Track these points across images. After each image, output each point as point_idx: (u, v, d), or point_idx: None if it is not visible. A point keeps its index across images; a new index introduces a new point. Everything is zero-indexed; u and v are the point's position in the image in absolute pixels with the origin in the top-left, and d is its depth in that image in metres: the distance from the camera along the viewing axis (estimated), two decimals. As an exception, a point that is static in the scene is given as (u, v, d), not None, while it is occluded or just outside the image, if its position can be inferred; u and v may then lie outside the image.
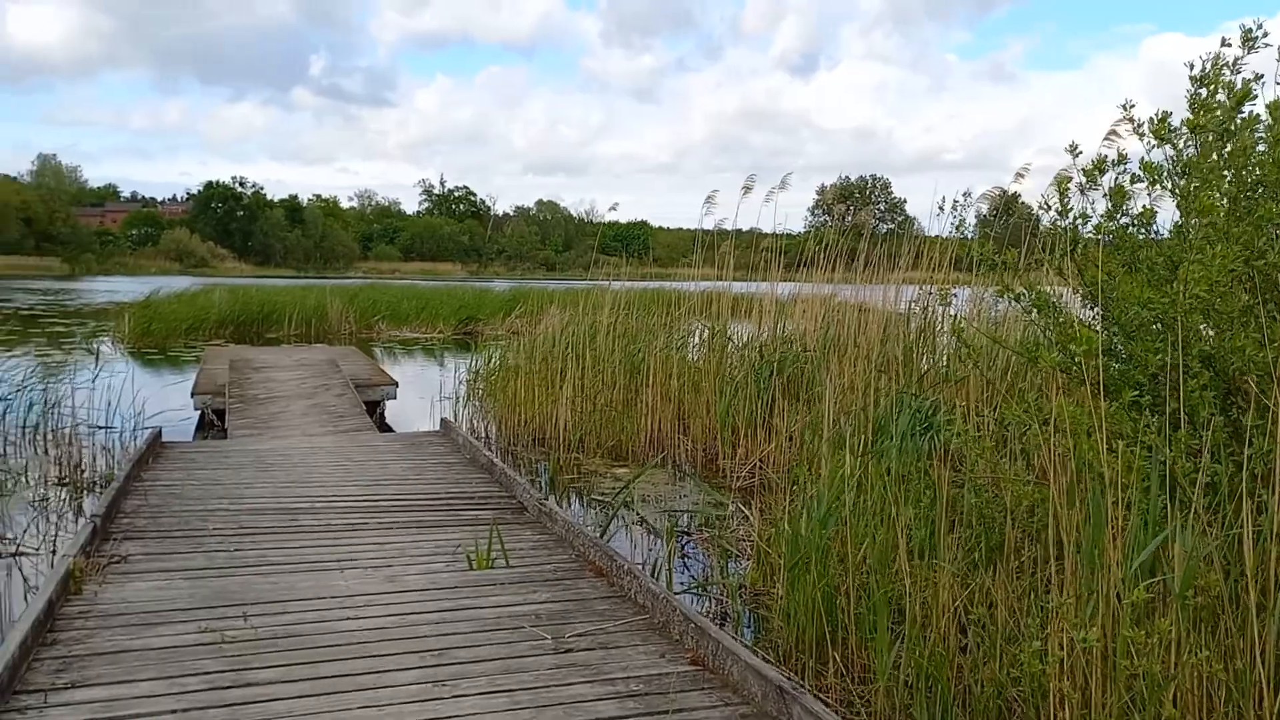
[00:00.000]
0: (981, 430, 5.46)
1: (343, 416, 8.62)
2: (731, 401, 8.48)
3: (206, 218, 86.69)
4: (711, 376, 9.10)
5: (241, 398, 9.50)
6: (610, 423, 8.99)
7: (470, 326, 24.98)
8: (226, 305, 23.03)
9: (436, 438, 7.62)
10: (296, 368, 11.24)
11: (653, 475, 8.07)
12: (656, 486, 7.61)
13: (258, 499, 5.36)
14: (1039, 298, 4.62)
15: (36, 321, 24.78)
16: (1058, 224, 4.71)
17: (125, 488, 5.27)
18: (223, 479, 5.87)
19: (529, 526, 4.95)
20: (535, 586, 3.97)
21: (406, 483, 5.93)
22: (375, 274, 72.93)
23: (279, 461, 6.45)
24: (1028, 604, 3.74)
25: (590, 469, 8.23)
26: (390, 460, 6.64)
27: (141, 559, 4.20)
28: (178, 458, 6.52)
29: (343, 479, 5.97)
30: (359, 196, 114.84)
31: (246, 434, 7.89)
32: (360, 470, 6.25)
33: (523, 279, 66.93)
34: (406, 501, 5.42)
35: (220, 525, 4.78)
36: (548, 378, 9.70)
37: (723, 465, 8.30)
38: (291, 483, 5.81)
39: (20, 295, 37.59)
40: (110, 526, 4.64)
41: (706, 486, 7.62)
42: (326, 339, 21.87)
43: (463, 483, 5.95)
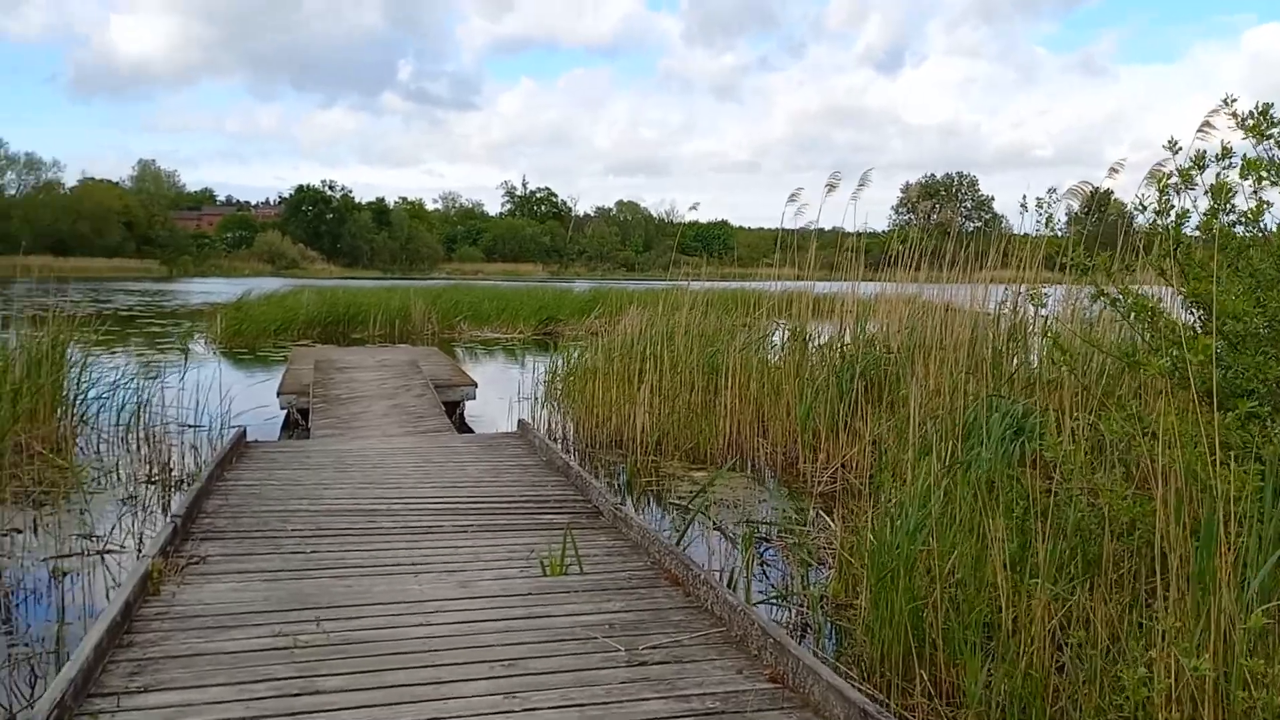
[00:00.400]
0: (1077, 436, 5.20)
1: (422, 417, 8.66)
2: (812, 404, 8.28)
3: (297, 220, 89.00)
4: (791, 378, 8.92)
5: (325, 398, 9.63)
6: (688, 425, 8.87)
7: (550, 327, 25.10)
8: (314, 307, 23.54)
9: (514, 439, 7.60)
10: (378, 368, 11.38)
11: (731, 479, 7.93)
12: (735, 491, 7.47)
13: (336, 500, 5.38)
14: (1138, 302, 4.37)
15: (134, 322, 25.68)
16: (1156, 223, 4.45)
17: (208, 487, 5.33)
18: (303, 479, 5.91)
19: (604, 532, 4.86)
20: (609, 595, 3.87)
21: (482, 485, 5.90)
22: (459, 275, 73.98)
23: (358, 462, 6.49)
24: (1128, 623, 3.51)
25: (668, 472, 8.12)
26: (467, 462, 6.62)
27: (220, 559, 4.23)
28: (260, 457, 6.60)
29: (420, 480, 5.96)
30: (443, 198, 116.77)
31: (328, 434, 7.97)
32: (437, 471, 6.24)
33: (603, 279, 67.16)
34: (482, 504, 5.38)
35: (299, 526, 4.80)
36: (626, 379, 9.62)
37: (803, 469, 8.12)
38: (370, 484, 5.82)
39: (120, 296, 39.06)
40: (191, 526, 4.69)
41: (786, 491, 7.45)
42: (410, 339, 22.20)
43: (538, 485, 5.90)
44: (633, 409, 9.22)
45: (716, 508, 7.02)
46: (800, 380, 8.59)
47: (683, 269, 14.45)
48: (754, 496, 7.38)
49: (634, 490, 7.63)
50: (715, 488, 7.57)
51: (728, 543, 5.97)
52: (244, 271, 73.04)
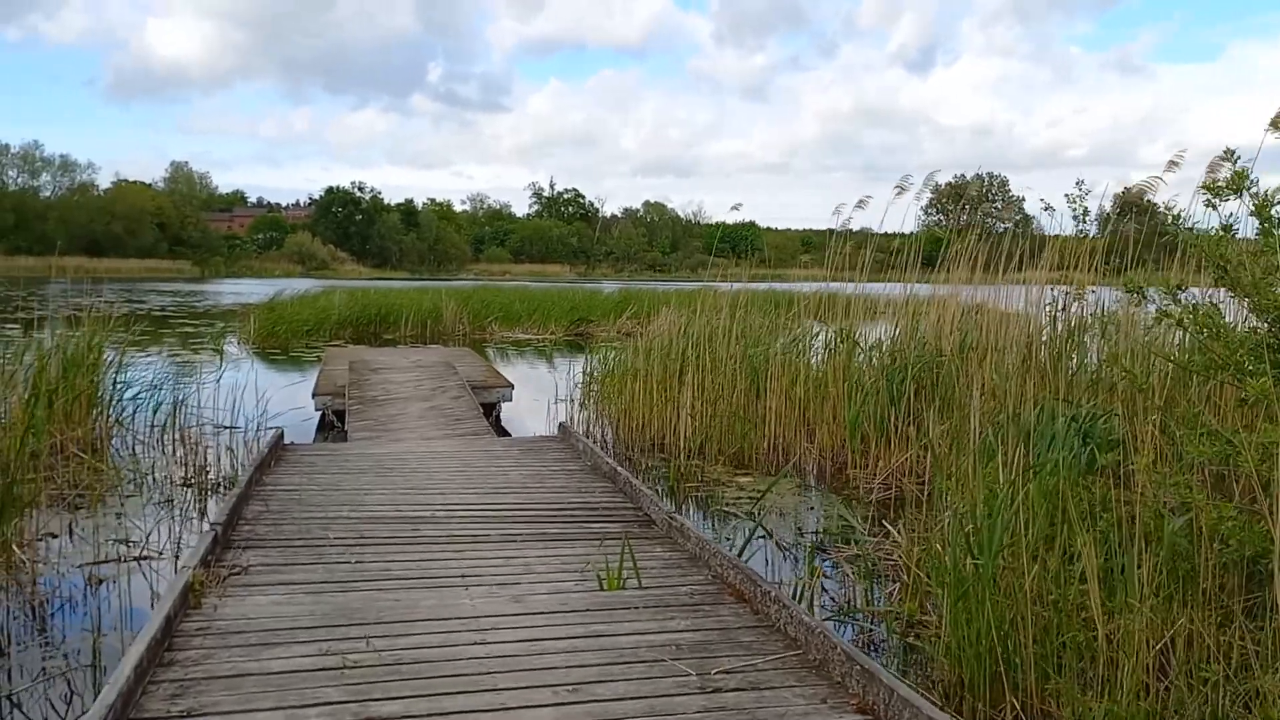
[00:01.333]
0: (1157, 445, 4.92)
1: (460, 419, 8.49)
2: (861, 408, 8.02)
3: (327, 221, 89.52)
4: (838, 380, 8.66)
5: (360, 399, 9.48)
6: (731, 429, 8.63)
7: (582, 328, 24.94)
8: (345, 307, 23.51)
9: (555, 443, 7.40)
10: (413, 369, 11.23)
11: (778, 485, 7.69)
12: (783, 497, 7.23)
13: (378, 506, 5.19)
14: (1206, 317, 4.09)
15: (168, 322, 25.75)
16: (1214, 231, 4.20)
17: (247, 493, 5.16)
18: (343, 484, 5.74)
19: (659, 542, 4.64)
20: (672, 612, 3.65)
21: (528, 491, 5.70)
22: (486, 275, 74.13)
23: (398, 466, 6.31)
24: (1235, 645, 3.26)
25: (712, 477, 7.89)
26: (509, 466, 6.43)
27: (262, 570, 4.04)
28: (298, 461, 6.44)
29: (462, 485, 5.77)
30: (471, 200, 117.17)
31: (365, 436, 7.81)
32: (480, 476, 6.05)
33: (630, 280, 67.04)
34: (529, 511, 5.17)
35: (341, 534, 4.62)
36: (666, 381, 9.40)
37: (853, 475, 7.86)
38: (411, 489, 5.64)
39: (154, 297, 39.32)
40: (231, 534, 4.52)
41: (837, 498, 7.20)
42: (441, 340, 22.10)
43: (585, 492, 5.69)
44: (675, 412, 9.00)
45: (766, 515, 6.80)
46: (848, 382, 8.33)
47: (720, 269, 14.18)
48: (803, 503, 7.14)
49: (678, 496, 7.41)
50: (760, 490, 7.34)
51: (782, 553, 5.73)
52: (275, 272, 73.50)
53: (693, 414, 8.58)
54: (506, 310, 24.90)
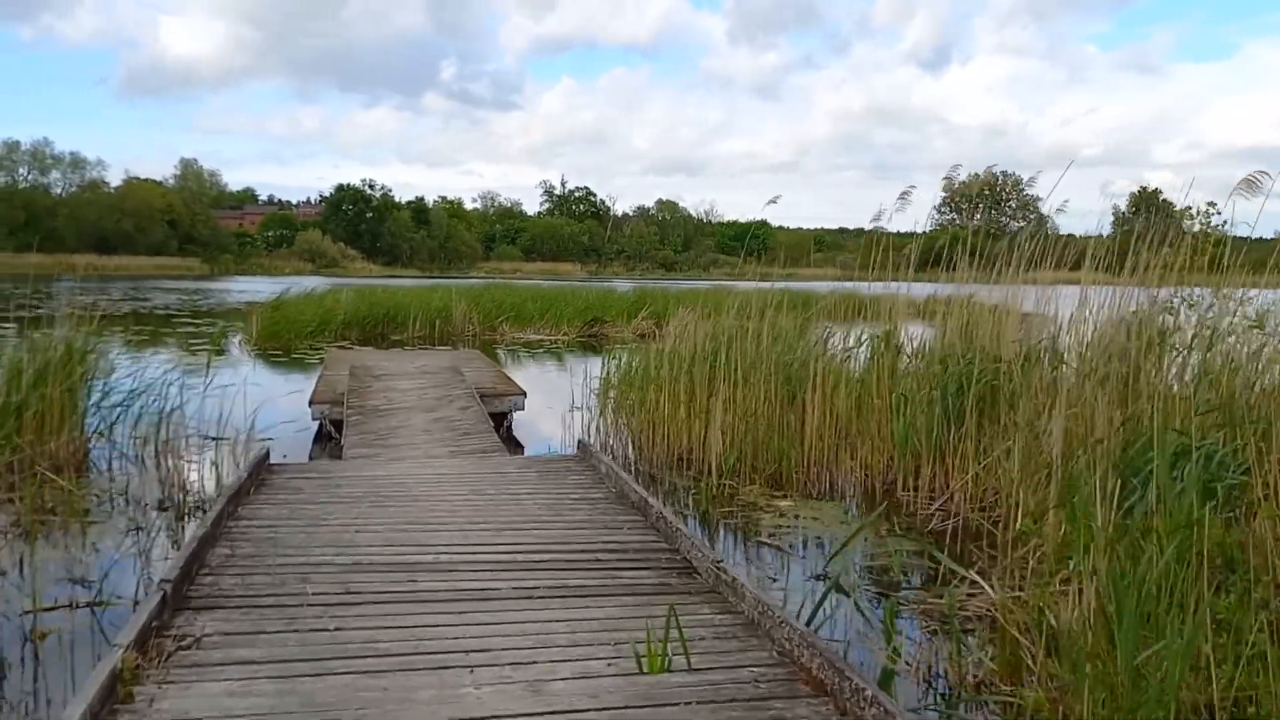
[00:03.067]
0: None
1: (468, 434, 7.70)
2: (912, 422, 7.20)
3: (337, 219, 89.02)
4: (883, 391, 7.84)
5: (360, 409, 8.71)
6: (767, 444, 7.82)
7: (596, 329, 24.15)
8: (352, 306, 22.78)
9: (574, 463, 6.61)
10: (418, 375, 10.44)
11: (819, 508, 6.89)
12: (828, 525, 6.42)
13: (370, 548, 4.40)
14: None
15: (169, 321, 25.06)
16: None
17: (213, 532, 4.37)
18: (331, 517, 4.96)
19: (706, 600, 3.83)
20: (735, 709, 2.85)
21: (545, 525, 4.90)
22: (497, 274, 73.50)
23: (396, 493, 5.52)
24: None
25: (747, 500, 7.08)
26: (524, 493, 5.63)
27: (219, 642, 3.26)
28: (283, 486, 5.66)
29: (469, 519, 4.98)
30: (482, 198, 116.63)
31: (362, 453, 7.03)
32: (489, 507, 5.25)
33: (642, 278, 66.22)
34: (547, 555, 4.37)
35: (322, 588, 3.82)
36: (694, 391, 8.59)
37: (905, 499, 7.05)
38: (410, 524, 4.85)
39: (159, 295, 38.70)
40: (188, 589, 3.73)
41: (889, 526, 6.37)
42: (450, 340, 21.35)
43: (613, 528, 4.89)
44: (704, 426, 8.19)
45: (809, 546, 5.99)
46: (897, 394, 7.51)
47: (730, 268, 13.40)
48: (849, 530, 6.31)
49: (710, 522, 6.61)
50: (803, 520, 6.54)
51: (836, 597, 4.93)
52: (285, 270, 72.97)
53: (724, 429, 7.76)
54: (518, 310, 24.12)
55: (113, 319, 25.27)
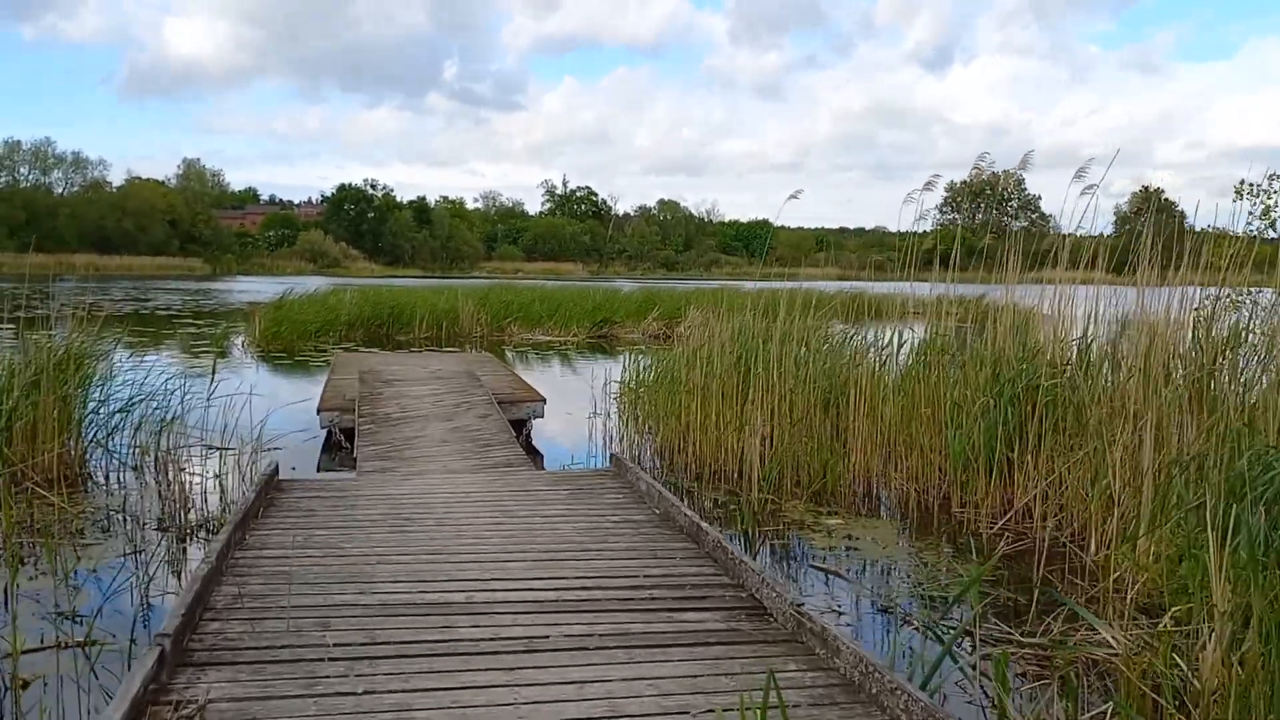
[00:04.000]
0: None
1: (489, 445, 7.19)
2: (968, 432, 6.68)
3: (339, 219, 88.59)
4: (934, 399, 7.33)
5: (372, 417, 8.20)
6: (810, 456, 7.31)
7: (605, 330, 23.65)
8: (356, 307, 22.29)
9: (609, 479, 6.10)
10: (432, 380, 9.93)
11: (871, 527, 6.38)
12: (884, 547, 5.91)
13: (394, 585, 3.89)
14: None
15: (170, 322, 24.57)
16: None
17: (218, 567, 3.86)
18: (349, 544, 4.45)
19: (787, 651, 3.32)
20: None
21: (586, 554, 4.39)
22: (499, 273, 73.11)
23: (418, 515, 5.01)
24: None
25: (792, 517, 6.58)
26: (557, 514, 5.12)
27: (226, 709, 2.75)
28: (293, 507, 5.15)
29: (502, 547, 4.47)
30: (484, 197, 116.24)
31: (377, 467, 6.53)
32: (523, 532, 4.74)
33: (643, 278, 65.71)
34: (596, 593, 3.86)
35: (344, 637, 3.31)
36: (722, 396, 8.07)
37: (963, 516, 6.54)
38: (436, 554, 4.34)
39: (161, 295, 38.22)
40: (190, 640, 3.22)
41: (952, 549, 5.85)
42: (457, 342, 20.86)
43: (663, 558, 4.37)
44: (738, 435, 7.69)
45: (870, 570, 5.48)
46: (950, 402, 6.99)
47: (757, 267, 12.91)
48: (912, 555, 5.80)
49: (753, 542, 6.10)
50: (857, 541, 6.04)
51: (913, 633, 4.42)
52: (287, 270, 72.55)
53: (765, 439, 7.24)
54: (526, 311, 23.62)
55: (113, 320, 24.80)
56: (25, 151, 77.21)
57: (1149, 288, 7.22)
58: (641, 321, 24.22)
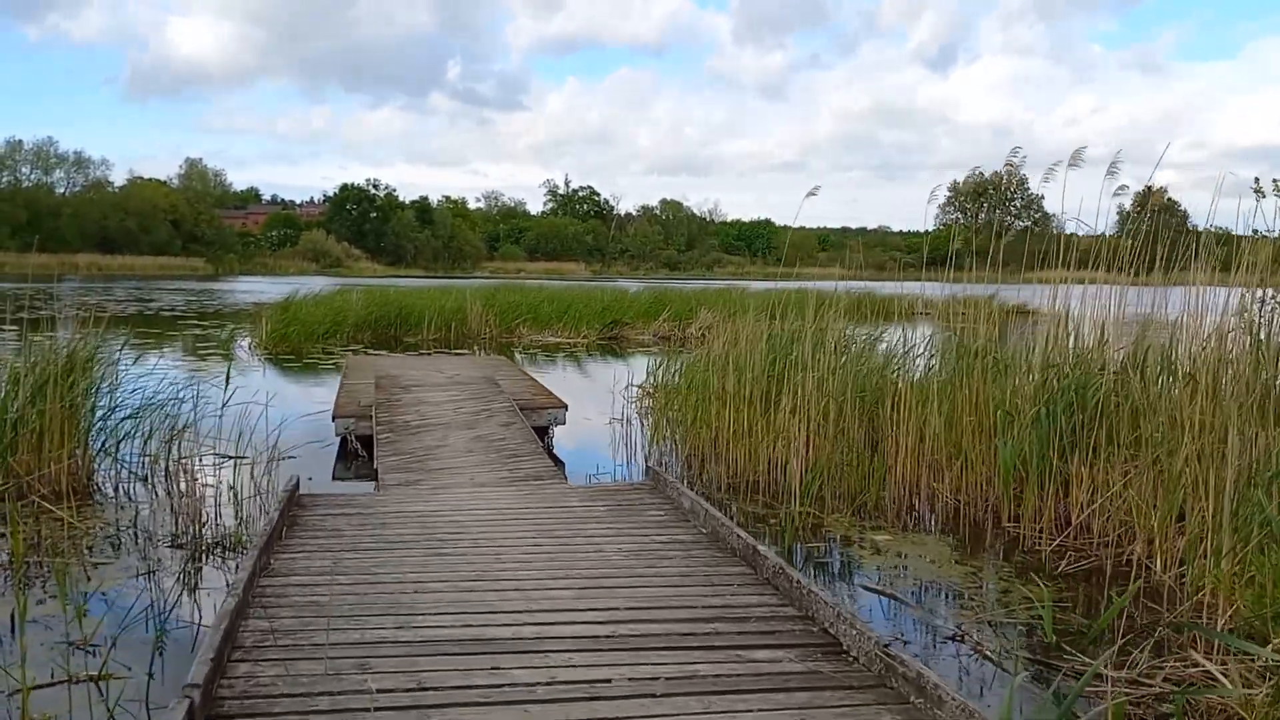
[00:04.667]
0: None
1: (516, 456, 6.88)
2: (1021, 443, 6.37)
3: (341, 219, 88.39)
4: (979, 405, 7.03)
5: (390, 426, 7.90)
6: (850, 466, 7.00)
7: (615, 331, 23.34)
8: (363, 308, 22.00)
9: (646, 493, 5.79)
10: (450, 386, 9.62)
11: (921, 543, 6.06)
12: (940, 565, 5.59)
13: (436, 618, 3.57)
14: None
15: (175, 324, 24.28)
16: None
17: (245, 600, 3.55)
18: (382, 570, 4.14)
19: (873, 695, 3.01)
20: None
21: (636, 581, 4.08)
22: (501, 273, 72.94)
23: (452, 535, 4.71)
24: None
25: (835, 532, 6.27)
26: (599, 533, 4.82)
27: (265, 772, 2.44)
28: (318, 526, 4.85)
29: (546, 571, 4.16)
30: (486, 197, 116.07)
31: (400, 480, 6.22)
32: (564, 554, 4.44)
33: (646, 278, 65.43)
34: (653, 626, 3.55)
35: (387, 681, 2.99)
36: (751, 402, 7.75)
37: (1015, 532, 6.22)
38: (476, 580, 4.03)
39: (165, 295, 37.94)
40: (220, 686, 2.91)
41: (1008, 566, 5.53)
42: (466, 343, 20.57)
43: (719, 586, 4.06)
44: (772, 443, 7.38)
45: (929, 592, 5.17)
46: (1000, 410, 6.68)
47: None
48: (965, 571, 5.49)
49: (795, 560, 5.79)
50: (907, 559, 5.73)
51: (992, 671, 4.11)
52: (289, 270, 72.36)
53: (804, 448, 6.93)
54: (535, 312, 23.31)
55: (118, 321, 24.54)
56: (27, 151, 77.02)
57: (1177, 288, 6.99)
58: (652, 323, 23.93)
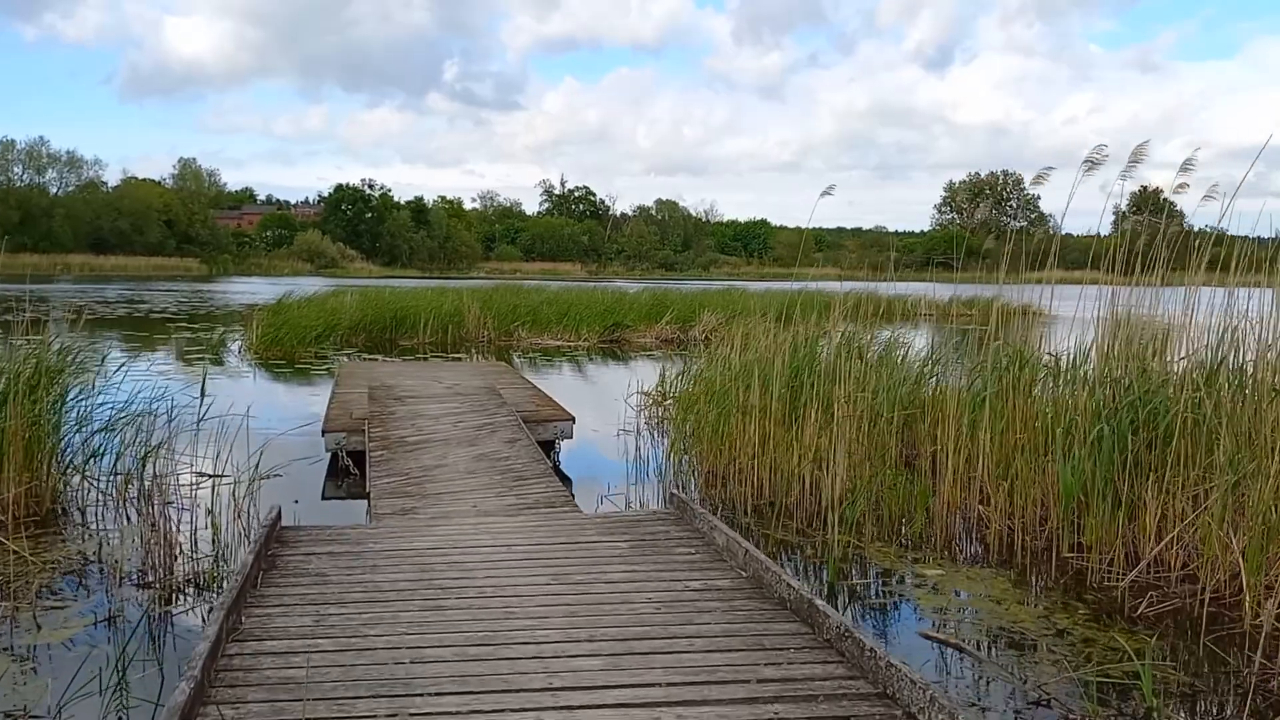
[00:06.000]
0: None
1: (523, 478, 6.25)
2: (1084, 465, 5.74)
3: (336, 219, 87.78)
4: (1029, 423, 6.41)
5: (384, 442, 7.26)
6: (890, 489, 6.37)
7: (617, 334, 22.71)
8: (358, 310, 21.36)
9: (671, 524, 5.15)
10: (450, 397, 8.97)
11: (978, 578, 5.43)
12: (1006, 606, 4.96)
13: (438, 698, 2.94)
14: None
15: (164, 326, 23.62)
16: None
17: (203, 682, 2.91)
18: (373, 630, 3.50)
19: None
20: None
21: (679, 644, 3.44)
22: (497, 274, 72.33)
23: (453, 583, 4.06)
24: None
25: (880, 565, 5.65)
26: (625, 579, 4.17)
27: None
28: (300, 570, 4.21)
29: (568, 631, 3.52)
30: (481, 197, 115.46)
31: (396, 507, 5.59)
32: (589, 607, 3.79)
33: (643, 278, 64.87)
34: (706, 709, 2.92)
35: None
36: (777, 419, 7.13)
37: (1079, 564, 5.60)
38: (486, 643, 3.39)
39: (158, 296, 37.27)
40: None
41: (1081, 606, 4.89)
42: (464, 347, 19.94)
43: (774, 649, 3.42)
44: (797, 461, 6.75)
45: (1000, 643, 4.55)
46: (1059, 427, 6.05)
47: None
48: (1035, 615, 4.86)
49: (838, 598, 5.17)
50: (968, 595, 5.11)
51: None
52: (284, 270, 71.71)
53: (839, 469, 6.29)
54: (534, 314, 22.67)
55: (104, 323, 23.85)
56: (19, 151, 76.18)
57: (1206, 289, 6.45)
58: (654, 326, 23.31)
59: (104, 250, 69.58)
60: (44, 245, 63.73)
